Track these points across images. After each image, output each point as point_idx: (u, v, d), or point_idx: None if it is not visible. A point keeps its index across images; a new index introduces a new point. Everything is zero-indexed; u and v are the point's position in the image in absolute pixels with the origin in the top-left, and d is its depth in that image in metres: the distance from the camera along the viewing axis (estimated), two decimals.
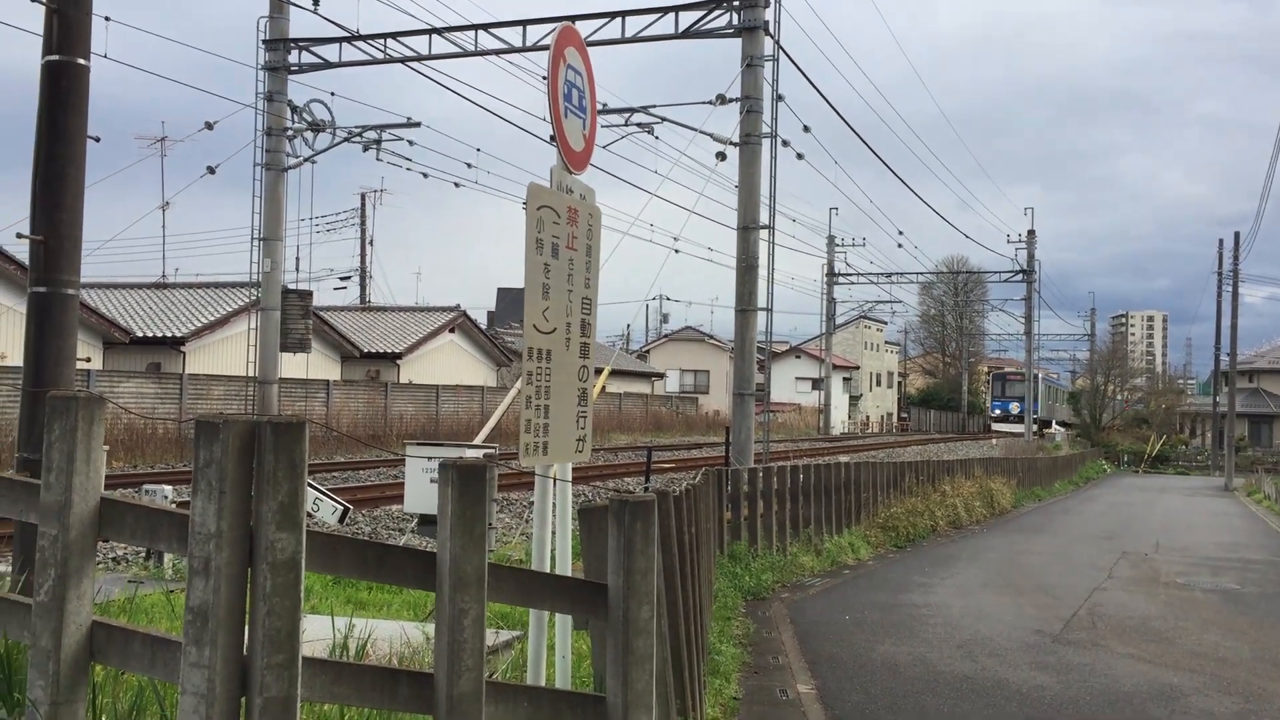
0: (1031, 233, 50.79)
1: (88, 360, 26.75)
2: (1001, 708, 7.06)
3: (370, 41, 20.59)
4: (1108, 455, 54.79)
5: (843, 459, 19.62)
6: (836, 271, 57.26)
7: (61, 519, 3.04)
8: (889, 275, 54.89)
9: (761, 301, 18.15)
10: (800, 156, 22.33)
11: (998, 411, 72.57)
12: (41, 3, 6.31)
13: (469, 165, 24.27)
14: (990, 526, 19.50)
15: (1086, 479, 39.33)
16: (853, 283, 57.21)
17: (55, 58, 6.37)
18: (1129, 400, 71.54)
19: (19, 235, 6.54)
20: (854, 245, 56.52)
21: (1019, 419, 63.92)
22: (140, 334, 30.78)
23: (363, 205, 54.61)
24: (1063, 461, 37.39)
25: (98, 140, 6.71)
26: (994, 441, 45.33)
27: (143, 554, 9.90)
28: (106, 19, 17.35)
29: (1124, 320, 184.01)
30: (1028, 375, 54.48)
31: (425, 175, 23.93)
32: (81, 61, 6.43)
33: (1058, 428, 61.97)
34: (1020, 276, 50.57)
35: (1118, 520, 22.62)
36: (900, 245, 77.54)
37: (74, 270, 6.46)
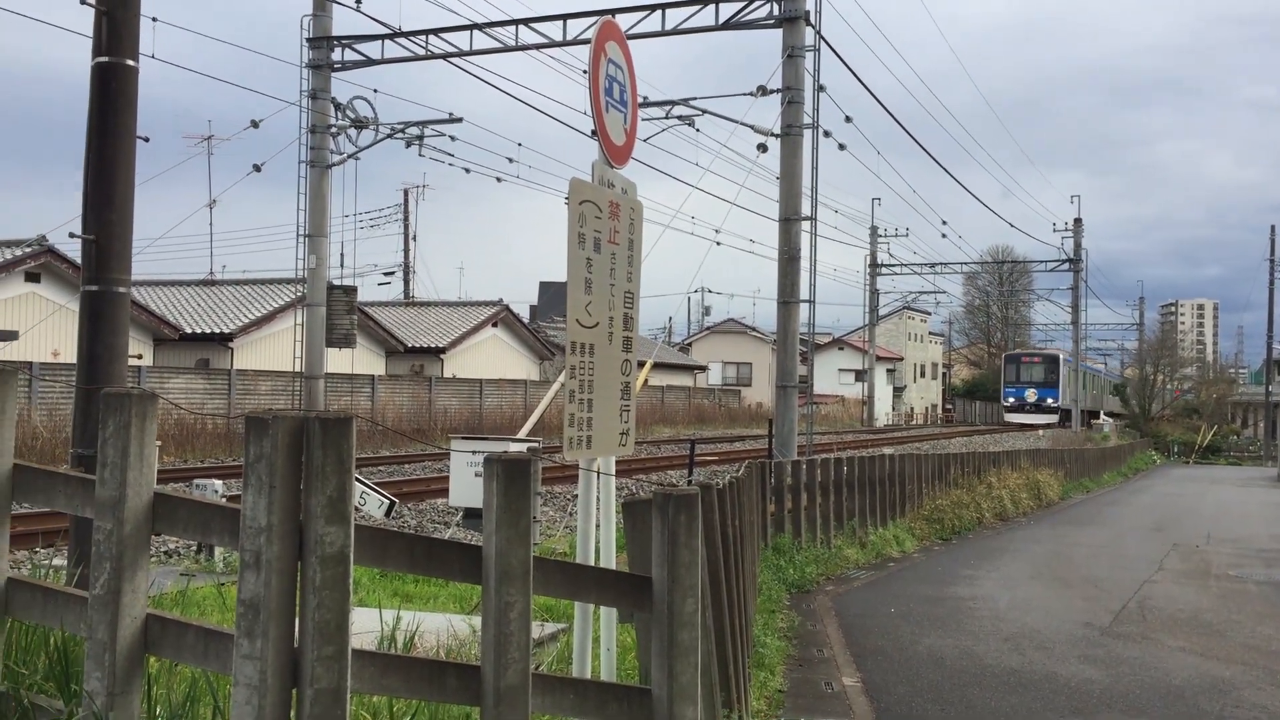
0: (1078, 221, 50.15)
1: (139, 357, 27.19)
2: (1050, 701, 7.00)
3: (412, 38, 20.72)
4: (1157, 446, 54.05)
5: (887, 451, 19.51)
6: (879, 262, 56.85)
7: (116, 514, 3.09)
8: (933, 266, 54.43)
9: (804, 293, 18.09)
10: (842, 147, 22.20)
11: (1011, 400, 62.81)
12: (91, 5, 6.41)
13: (511, 160, 24.41)
14: (1037, 518, 19.31)
15: (1135, 470, 38.82)
16: (896, 273, 56.79)
17: (105, 59, 6.46)
18: (1179, 390, 70.50)
19: (71, 235, 6.66)
20: (897, 236, 55.98)
21: (1039, 408, 59.70)
22: (189, 330, 31.23)
23: (406, 201, 55.07)
24: (1111, 452, 36.91)
25: (146, 140, 6.82)
26: (1040, 433, 44.48)
27: (194, 548, 10.05)
28: (154, 20, 17.61)
29: (1173, 309, 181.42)
30: (1074, 362, 53.52)
31: (467, 170, 24.05)
32: (130, 63, 6.52)
33: (1106, 418, 60.60)
34: (1066, 265, 49.97)
35: (1168, 512, 22.32)
36: (944, 235, 76.88)
37: (125, 269, 6.56)
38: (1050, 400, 60.67)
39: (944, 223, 65.48)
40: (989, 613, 9.95)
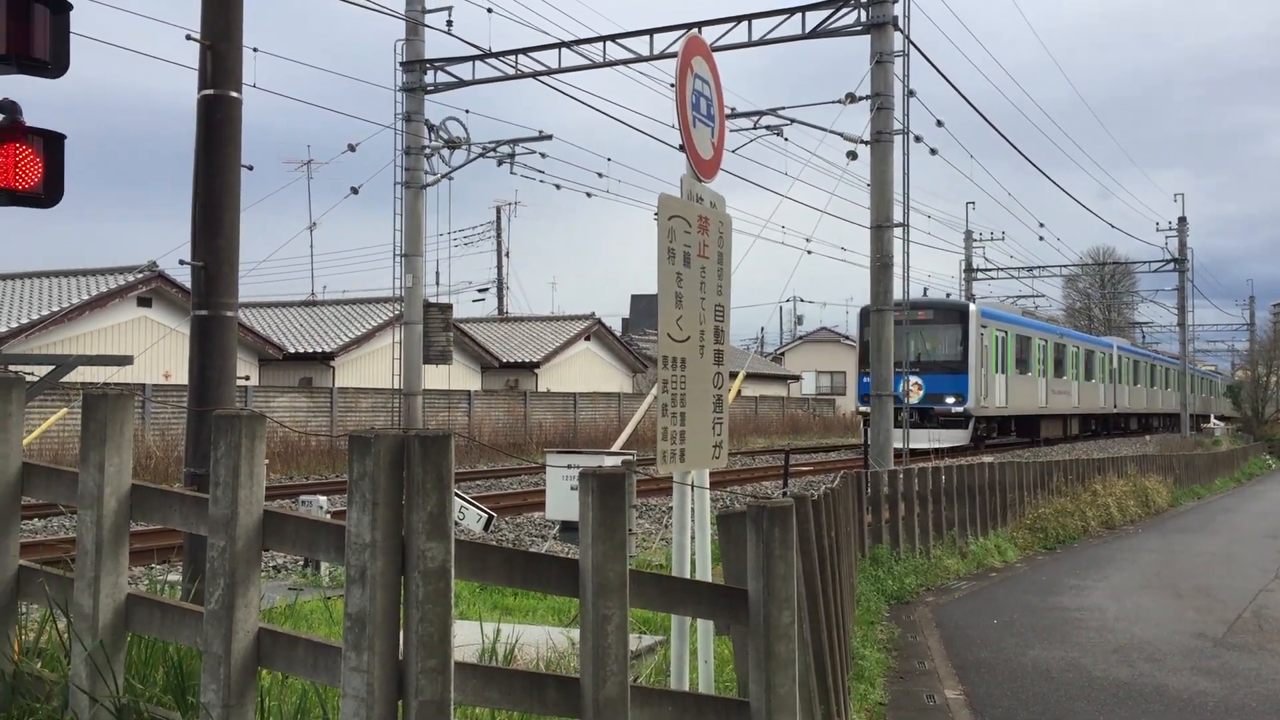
0: (1182, 219, 48.69)
1: (246, 378, 28.00)
2: (1161, 715, 6.81)
3: (502, 58, 21.04)
4: (1271, 450, 52.02)
5: (986, 459, 19.16)
6: (975, 267, 55.85)
7: (229, 531, 3.21)
8: (1030, 269, 53.26)
9: (897, 300, 17.91)
10: (934, 152, 21.93)
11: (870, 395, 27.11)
12: (196, 41, 6.66)
13: (600, 175, 24.58)
14: (1146, 526, 18.77)
15: (1249, 475, 37.45)
16: (992, 278, 55.55)
17: (210, 92, 6.71)
18: None
19: (181, 262, 6.92)
20: (992, 240, 54.81)
21: (931, 416, 29.40)
22: (292, 350, 32.07)
23: (498, 218, 55.76)
24: (1223, 457, 35.65)
25: (250, 169, 7.06)
26: (1147, 438, 43.10)
27: (301, 562, 10.32)
28: (254, 50, 18.14)
29: None
30: (1183, 366, 51.65)
31: (558, 186, 24.29)
32: (234, 94, 6.76)
33: (1216, 422, 58.30)
34: (1171, 265, 48.52)
35: None
36: (1041, 238, 75.25)
37: (232, 293, 6.79)
38: (952, 398, 29.93)
39: (1041, 225, 64.03)
40: (1096, 624, 9.71)
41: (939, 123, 21.54)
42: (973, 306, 31.50)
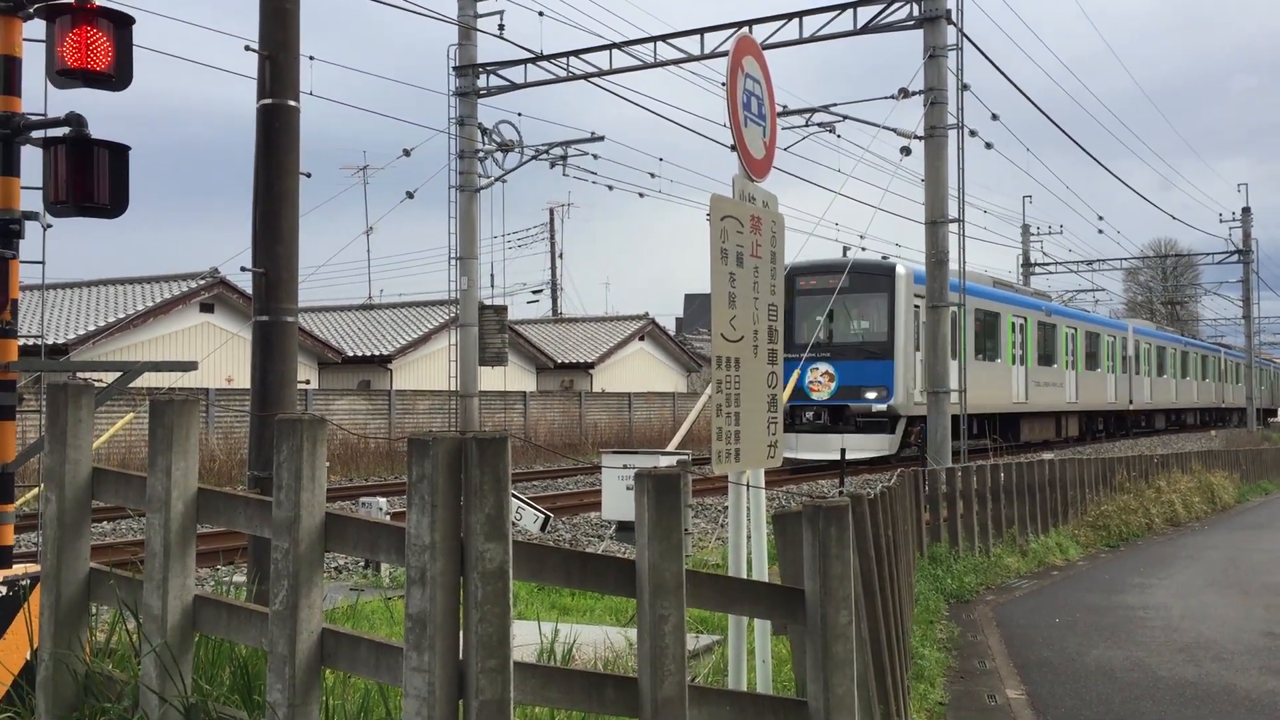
0: (1246, 210, 47.72)
1: (306, 382, 28.41)
2: (1229, 714, 6.69)
3: (553, 61, 21.13)
4: None
5: (1046, 456, 18.91)
6: (1032, 261, 55.13)
7: (292, 534, 3.27)
8: (1090, 263, 52.46)
9: (953, 296, 17.74)
10: (989, 146, 21.68)
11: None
12: (255, 51, 6.78)
13: (652, 175, 24.67)
14: (1211, 523, 18.41)
15: None
16: (1050, 272, 54.88)
17: (269, 101, 6.83)
18: None
19: (243, 269, 7.05)
20: (1050, 233, 54.08)
21: (846, 418, 22.77)
22: (351, 354, 32.47)
23: (551, 220, 55.97)
24: None
25: (309, 176, 7.16)
26: (1212, 434, 41.76)
27: (362, 563, 10.45)
28: (311, 58, 18.41)
29: None
30: (1249, 359, 50.49)
31: (610, 188, 24.36)
32: (292, 103, 6.88)
33: None
34: (1235, 257, 47.56)
35: None
36: (1100, 231, 74.00)
37: (292, 299, 6.91)
38: (873, 392, 22.88)
39: (1100, 218, 63.05)
40: (1161, 622, 9.55)
41: (994, 116, 21.32)
42: (901, 268, 22.88)
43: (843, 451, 20.06)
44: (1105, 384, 35.49)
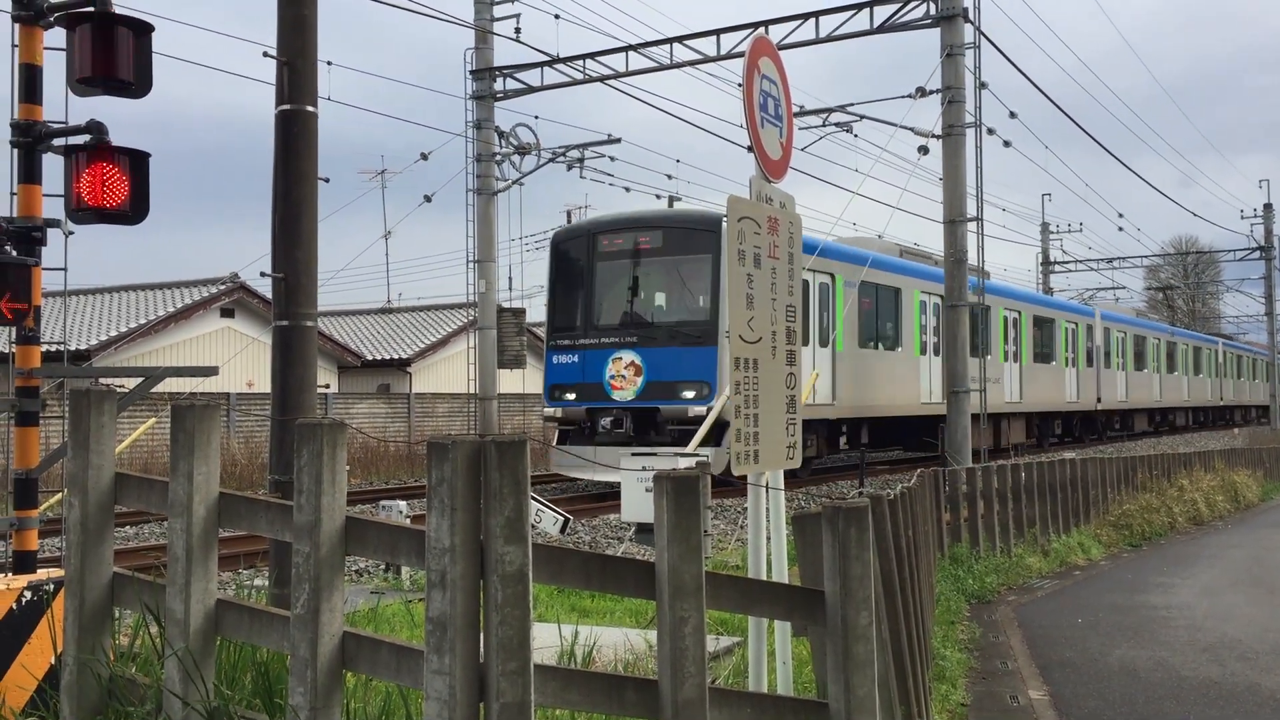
0: (1268, 206, 47.39)
1: (326, 386, 28.54)
2: (1254, 714, 6.64)
3: (570, 63, 21.17)
4: None
5: (1067, 455, 18.83)
6: (1052, 259, 54.89)
7: (313, 538, 3.29)
8: (1110, 260, 52.22)
9: (972, 295, 17.69)
10: (1007, 144, 21.62)
11: (559, 395, 17.61)
12: (273, 58, 6.82)
13: (669, 177, 24.70)
14: (1235, 522, 18.28)
15: None
16: (1070, 270, 54.65)
17: (287, 107, 6.86)
18: None
19: (263, 274, 7.10)
20: (1070, 231, 54.01)
21: (669, 423, 16.05)
22: (370, 357, 32.61)
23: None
24: None
25: (327, 181, 7.20)
26: (1234, 432, 41.07)
27: (382, 566, 10.48)
28: (329, 64, 18.49)
29: None
30: (1271, 357, 49.98)
31: (627, 189, 24.40)
32: (310, 109, 6.91)
33: None
34: (1257, 254, 47.24)
35: None
36: (1121, 228, 73.76)
37: (312, 303, 6.94)
38: (691, 390, 16.15)
39: (1120, 215, 62.83)
40: (1185, 622, 9.49)
41: (1012, 114, 21.25)
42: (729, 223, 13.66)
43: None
44: (1062, 379, 29.39)
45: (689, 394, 16.04)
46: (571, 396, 17.24)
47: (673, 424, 16.09)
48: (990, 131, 20.01)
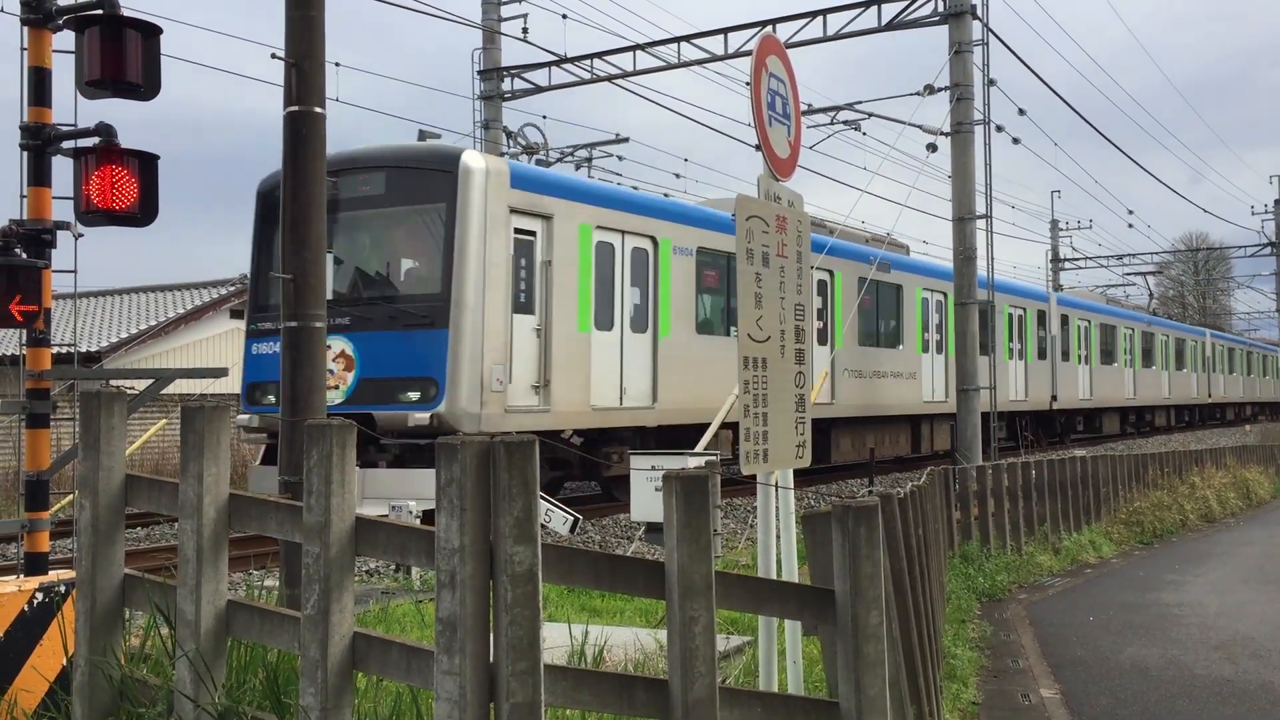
0: (1278, 202, 47.23)
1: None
2: (1267, 712, 6.61)
3: (577, 63, 21.18)
4: None
5: (1077, 452, 18.77)
6: (1061, 257, 54.73)
7: (323, 538, 3.29)
8: (1120, 257, 52.08)
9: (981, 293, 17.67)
10: (1016, 141, 21.60)
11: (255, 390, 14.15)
12: (281, 59, 6.83)
13: (677, 176, 24.73)
14: (1247, 519, 18.21)
15: None
16: (1080, 267, 54.50)
17: (295, 109, 6.87)
18: None
19: (272, 274, 7.09)
20: (1079, 228, 53.70)
21: (390, 435, 11.84)
22: None
23: None
24: None
25: (334, 182, 7.20)
26: (1247, 428, 40.79)
27: (393, 566, 10.49)
28: (336, 65, 18.53)
29: None
30: None
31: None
32: (318, 110, 6.91)
33: None
34: (1268, 250, 47.09)
35: None
36: (1130, 225, 73.57)
37: (320, 304, 6.94)
38: (415, 391, 11.99)
39: (1130, 212, 62.54)
40: (1197, 620, 9.45)
41: (1021, 111, 21.20)
42: (477, 158, 12.54)
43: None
44: (1006, 374, 23.95)
45: (412, 395, 12.12)
46: (273, 399, 12.57)
47: (393, 436, 12.17)
48: (999, 129, 20.00)
